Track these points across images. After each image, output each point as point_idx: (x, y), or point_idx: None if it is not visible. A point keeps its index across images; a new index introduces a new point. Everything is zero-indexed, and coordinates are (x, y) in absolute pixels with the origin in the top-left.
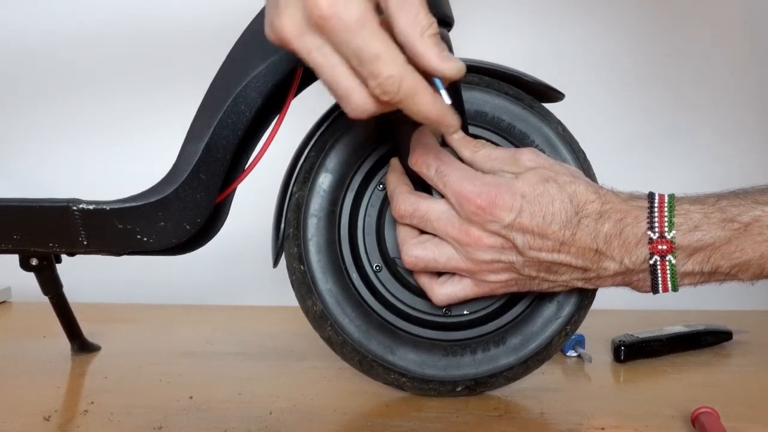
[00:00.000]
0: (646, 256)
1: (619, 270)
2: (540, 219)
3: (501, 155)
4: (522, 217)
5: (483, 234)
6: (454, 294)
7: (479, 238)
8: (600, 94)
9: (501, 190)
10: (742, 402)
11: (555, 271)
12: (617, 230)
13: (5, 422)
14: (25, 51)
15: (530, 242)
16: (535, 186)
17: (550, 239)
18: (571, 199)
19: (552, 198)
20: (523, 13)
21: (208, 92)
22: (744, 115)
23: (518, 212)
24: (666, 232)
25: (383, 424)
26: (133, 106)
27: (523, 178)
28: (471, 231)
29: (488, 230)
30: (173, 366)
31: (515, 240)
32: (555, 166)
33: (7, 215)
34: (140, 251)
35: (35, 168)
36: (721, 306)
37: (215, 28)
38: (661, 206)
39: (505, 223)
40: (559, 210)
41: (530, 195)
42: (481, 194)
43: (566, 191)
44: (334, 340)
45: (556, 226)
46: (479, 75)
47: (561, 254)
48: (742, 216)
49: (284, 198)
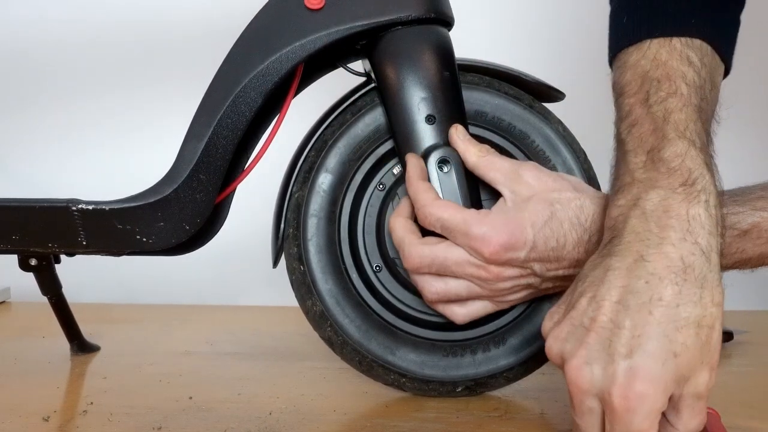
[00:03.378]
0: None
1: None
2: (554, 244)
3: (504, 167)
4: (536, 248)
5: (502, 269)
6: (476, 313)
7: (499, 273)
8: (600, 94)
9: (510, 228)
10: (743, 402)
11: (570, 280)
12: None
13: (5, 422)
14: (25, 51)
15: (547, 266)
16: (541, 213)
17: (566, 259)
18: (578, 217)
19: (560, 221)
20: (524, 13)
21: (208, 92)
22: (747, 115)
23: (532, 245)
24: None
25: (383, 424)
26: (132, 106)
27: (529, 209)
28: (490, 269)
29: (506, 265)
30: (173, 366)
31: (533, 268)
32: (557, 183)
33: (7, 215)
34: (140, 251)
35: (35, 168)
36: None
37: (215, 28)
38: None
39: (522, 258)
40: (568, 231)
41: (539, 223)
42: (497, 235)
43: (572, 210)
44: (334, 341)
45: (570, 247)
46: (479, 75)
47: (577, 268)
48: (741, 223)
49: (284, 198)
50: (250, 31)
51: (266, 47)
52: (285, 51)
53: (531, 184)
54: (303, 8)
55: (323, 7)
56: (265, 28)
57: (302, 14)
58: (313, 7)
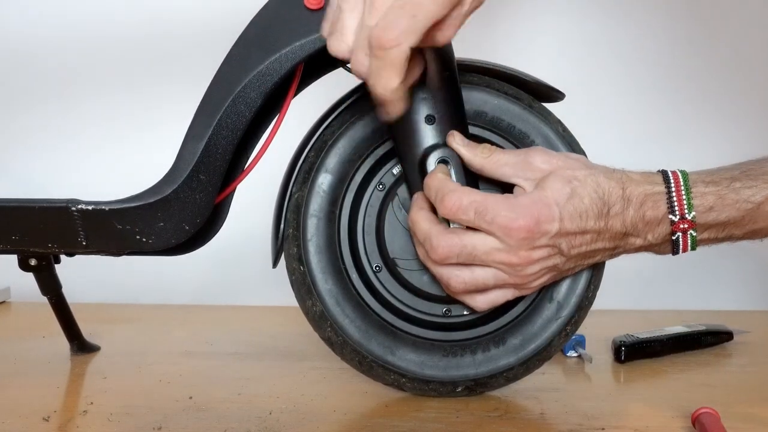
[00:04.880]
0: (668, 232)
1: (644, 244)
2: (578, 219)
3: (512, 160)
4: (564, 223)
5: (531, 252)
6: (497, 300)
7: (528, 257)
8: (600, 93)
9: (538, 208)
10: (743, 402)
11: (591, 257)
12: (640, 215)
13: (5, 422)
14: (24, 51)
15: (572, 242)
16: (562, 190)
17: (589, 233)
18: (596, 191)
19: (581, 196)
20: (524, 12)
21: (208, 92)
22: (751, 116)
23: (560, 221)
24: (686, 214)
25: (383, 424)
26: (132, 106)
27: (549, 187)
28: (520, 254)
29: (536, 246)
30: (173, 366)
31: (561, 245)
32: (569, 162)
33: (6, 215)
34: (139, 252)
35: (34, 168)
36: (721, 306)
37: (215, 28)
38: (678, 189)
39: (552, 234)
40: (589, 205)
41: (562, 200)
42: (524, 218)
43: (590, 185)
44: (334, 341)
45: (592, 221)
46: (479, 75)
47: (598, 242)
48: (755, 196)
49: (284, 198)
50: (249, 32)
51: (266, 47)
52: (285, 51)
53: (543, 168)
54: (303, 8)
55: (323, 7)
56: (264, 28)
57: (302, 14)
58: (313, 7)
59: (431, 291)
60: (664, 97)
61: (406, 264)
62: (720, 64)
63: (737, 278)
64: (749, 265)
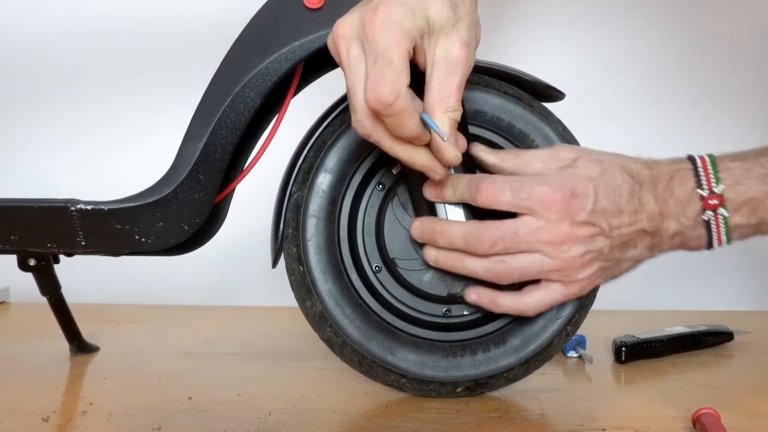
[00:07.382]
0: (698, 212)
1: (678, 229)
2: (612, 195)
3: (540, 155)
4: (599, 199)
5: (573, 228)
6: (544, 300)
7: (570, 233)
8: (601, 93)
9: (573, 180)
10: (744, 403)
11: (634, 245)
12: (669, 190)
13: (4, 423)
14: (24, 51)
15: (611, 222)
16: (594, 168)
17: (625, 212)
18: (625, 170)
19: (612, 174)
20: (524, 12)
21: (207, 91)
22: (753, 117)
23: (595, 195)
24: (714, 187)
25: (383, 425)
26: (131, 106)
27: (580, 166)
28: (562, 229)
29: (576, 222)
30: (172, 366)
31: (600, 224)
32: (590, 149)
33: (5, 215)
34: (138, 252)
35: (33, 168)
36: (722, 306)
37: (214, 28)
38: (704, 165)
39: (589, 209)
40: (621, 183)
41: (595, 176)
42: (560, 191)
43: (618, 165)
44: (334, 341)
45: (626, 198)
46: (479, 74)
47: (637, 223)
48: None
49: (283, 198)
50: (249, 31)
51: (265, 47)
52: (284, 51)
53: (570, 156)
54: (302, 8)
55: (322, 7)
56: (264, 27)
57: (301, 14)
58: (313, 6)
59: (431, 291)
60: (665, 96)
61: (406, 264)
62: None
63: (738, 278)
64: (749, 265)
